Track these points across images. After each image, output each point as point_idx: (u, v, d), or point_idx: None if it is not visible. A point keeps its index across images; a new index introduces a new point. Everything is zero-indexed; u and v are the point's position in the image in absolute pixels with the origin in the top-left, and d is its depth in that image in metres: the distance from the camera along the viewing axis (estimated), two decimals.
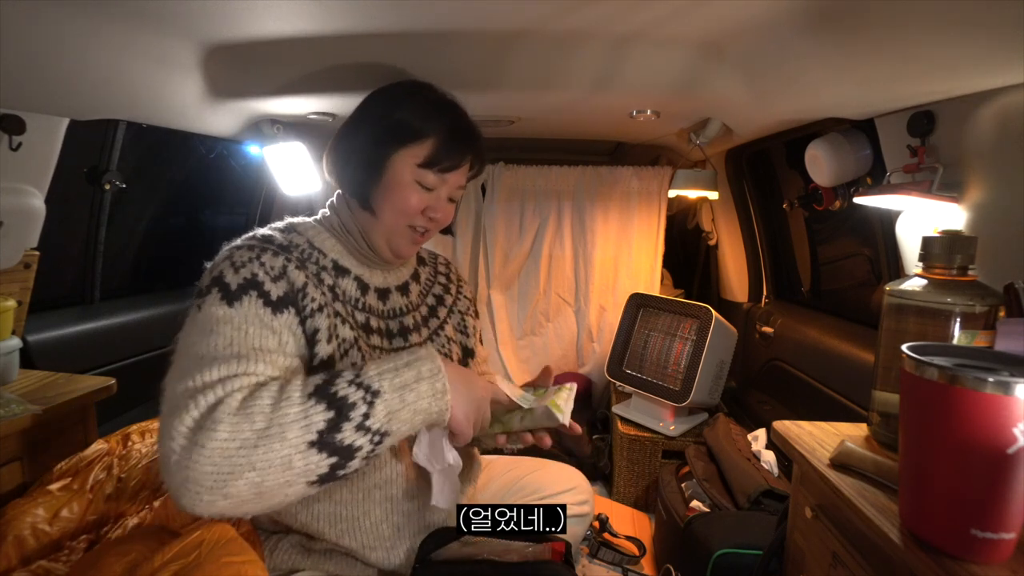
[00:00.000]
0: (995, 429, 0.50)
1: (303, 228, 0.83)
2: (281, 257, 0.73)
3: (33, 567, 0.73)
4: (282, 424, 0.56)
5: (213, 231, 2.44)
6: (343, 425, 0.58)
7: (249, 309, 0.66)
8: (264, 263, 0.70)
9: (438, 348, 0.90)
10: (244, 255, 0.71)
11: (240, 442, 0.55)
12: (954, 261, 0.73)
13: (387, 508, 0.79)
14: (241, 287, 0.67)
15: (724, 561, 1.11)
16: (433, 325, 0.93)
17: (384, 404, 0.61)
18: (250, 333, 0.65)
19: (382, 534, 0.79)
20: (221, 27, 0.95)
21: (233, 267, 0.69)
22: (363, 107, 0.85)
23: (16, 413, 0.96)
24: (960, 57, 0.79)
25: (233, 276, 0.68)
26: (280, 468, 0.56)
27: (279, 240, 0.77)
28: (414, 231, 0.83)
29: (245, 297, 0.66)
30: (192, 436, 0.55)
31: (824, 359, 1.52)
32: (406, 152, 0.79)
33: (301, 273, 0.73)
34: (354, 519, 0.77)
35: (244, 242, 0.75)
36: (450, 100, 0.85)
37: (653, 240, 2.27)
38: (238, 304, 0.65)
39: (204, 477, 0.54)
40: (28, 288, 1.28)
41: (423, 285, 0.96)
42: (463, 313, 1.00)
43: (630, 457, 1.75)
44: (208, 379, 0.59)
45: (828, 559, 0.72)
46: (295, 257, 0.75)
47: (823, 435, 0.83)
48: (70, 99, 1.14)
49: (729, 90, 1.23)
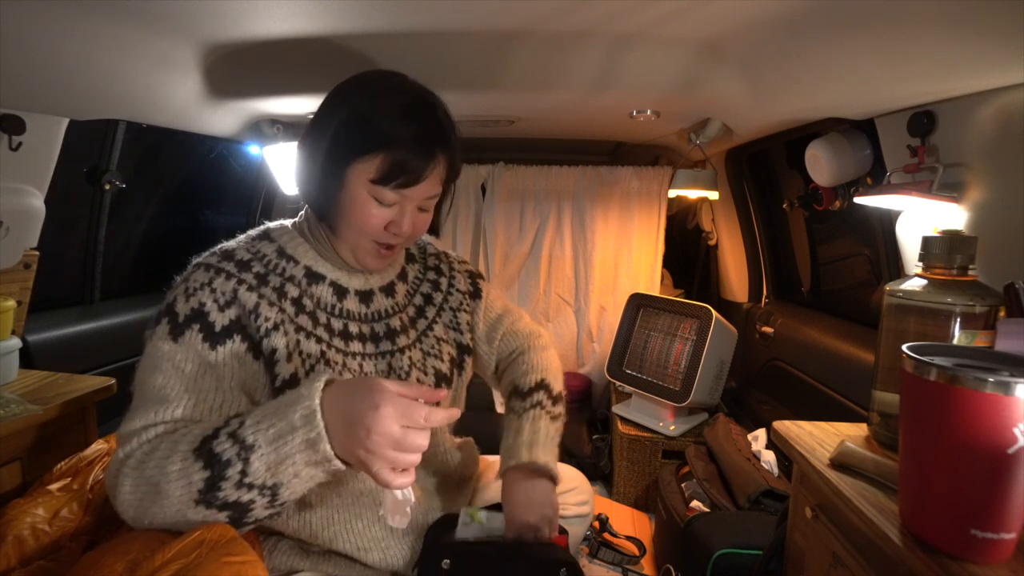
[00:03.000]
0: (995, 429, 0.50)
1: (278, 234, 0.81)
2: (233, 280, 0.72)
3: (33, 567, 0.73)
4: (168, 483, 0.59)
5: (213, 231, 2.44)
6: (221, 484, 0.58)
7: (190, 347, 0.68)
8: (215, 289, 0.71)
9: (426, 351, 0.88)
10: (199, 278, 0.72)
11: (140, 495, 0.61)
12: (954, 261, 0.73)
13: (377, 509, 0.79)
14: (187, 319, 0.69)
15: (724, 561, 1.11)
16: (421, 327, 0.89)
17: (261, 459, 0.57)
18: (186, 372, 0.68)
19: (375, 535, 0.78)
20: (221, 27, 0.95)
21: (186, 293, 0.71)
22: (319, 111, 0.77)
23: (16, 413, 0.96)
24: (960, 57, 0.79)
25: (183, 305, 0.70)
26: (179, 517, 0.60)
27: (240, 255, 0.76)
28: (380, 246, 0.77)
29: (188, 332, 0.69)
30: (112, 480, 0.63)
31: (824, 359, 1.52)
32: (359, 165, 0.71)
33: (253, 294, 0.72)
34: (345, 522, 0.77)
35: (205, 259, 0.75)
36: (413, 97, 0.74)
37: (653, 240, 2.27)
38: (181, 339, 0.69)
39: (125, 512, 0.62)
40: (28, 288, 1.28)
41: (410, 284, 0.92)
42: (456, 309, 0.95)
43: (630, 457, 1.75)
44: (132, 427, 0.65)
45: (828, 559, 0.72)
46: (253, 274, 0.74)
47: (823, 435, 0.83)
48: (70, 99, 1.14)
49: (729, 90, 1.23)
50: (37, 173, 1.22)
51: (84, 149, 1.48)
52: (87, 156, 1.50)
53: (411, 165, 0.72)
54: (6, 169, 1.13)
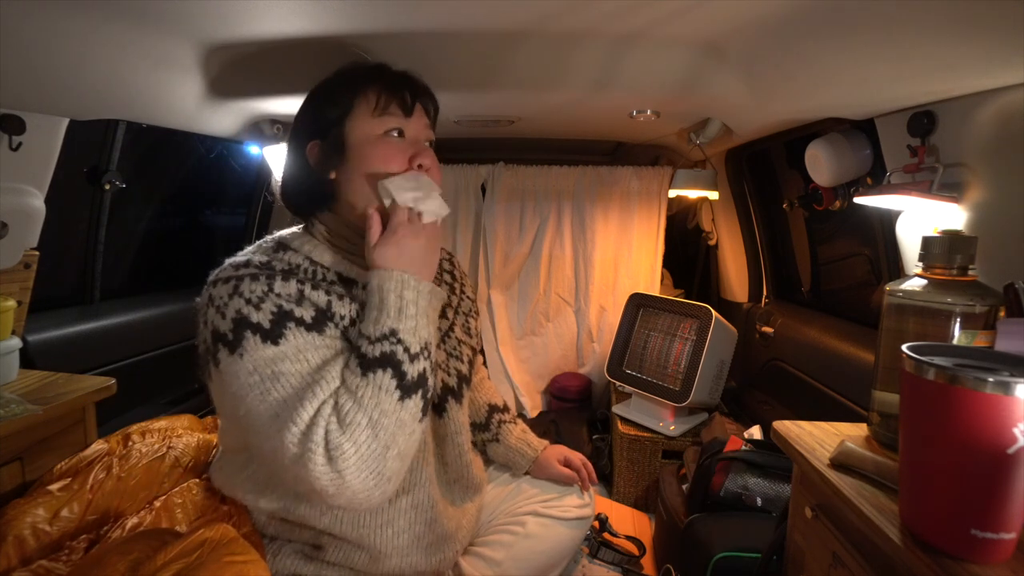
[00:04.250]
0: (995, 429, 0.50)
1: (297, 243, 0.78)
2: (293, 281, 0.70)
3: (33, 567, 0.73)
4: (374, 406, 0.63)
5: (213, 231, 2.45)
6: (402, 368, 0.66)
7: (296, 338, 0.66)
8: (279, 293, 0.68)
9: (449, 352, 0.90)
10: (255, 288, 0.67)
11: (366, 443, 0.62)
12: (954, 261, 0.73)
13: (411, 517, 0.79)
14: (274, 322, 0.66)
15: (724, 564, 1.11)
16: (444, 327, 0.91)
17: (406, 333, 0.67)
18: (310, 357, 0.66)
19: (399, 544, 0.78)
20: (221, 27, 0.95)
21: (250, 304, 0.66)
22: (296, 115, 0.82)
23: (16, 413, 0.96)
24: (960, 57, 0.79)
25: (259, 315, 0.66)
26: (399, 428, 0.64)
27: (277, 265, 0.73)
28: None
29: (285, 330, 0.66)
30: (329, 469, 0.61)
31: (824, 359, 1.52)
32: (353, 116, 0.76)
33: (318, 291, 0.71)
34: (377, 525, 0.77)
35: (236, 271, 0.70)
36: (373, 63, 0.82)
37: (653, 240, 2.27)
38: (283, 340, 0.66)
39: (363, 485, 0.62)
40: (28, 288, 1.28)
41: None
42: (466, 315, 0.99)
43: (630, 457, 1.75)
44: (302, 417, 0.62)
45: (828, 559, 0.72)
46: (302, 278, 0.72)
47: (823, 435, 0.82)
48: (70, 99, 1.14)
49: (729, 90, 1.23)
50: (37, 173, 1.22)
51: (84, 149, 1.48)
52: (87, 156, 1.50)
53: (399, 91, 0.77)
54: (6, 169, 1.13)
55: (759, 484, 1.26)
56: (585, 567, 1.32)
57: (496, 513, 1.01)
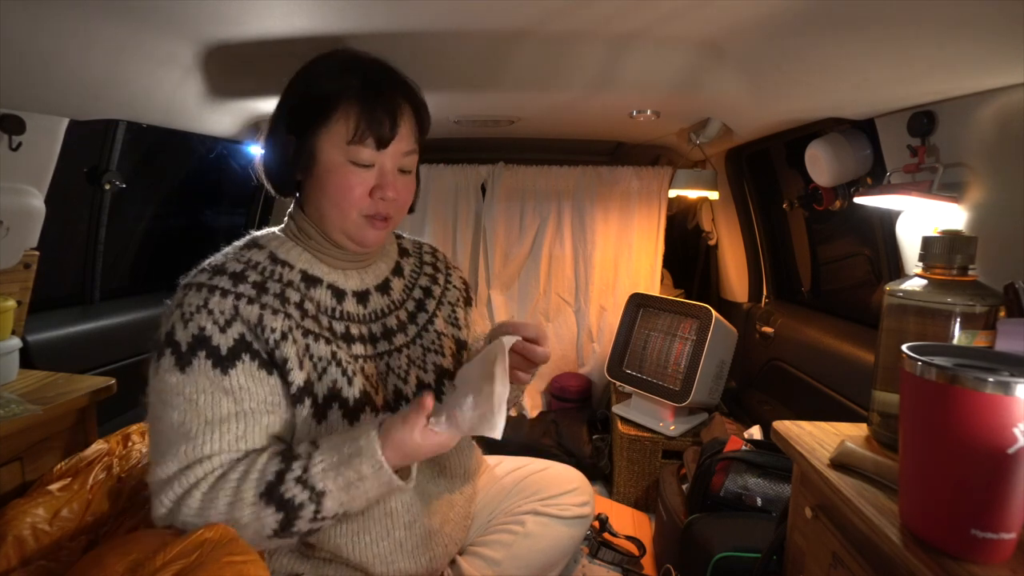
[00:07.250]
0: (995, 429, 0.50)
1: (266, 240, 0.79)
2: (231, 297, 0.70)
3: (33, 567, 0.73)
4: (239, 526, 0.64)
5: (213, 231, 2.44)
6: (295, 522, 0.65)
7: (200, 375, 0.67)
8: (212, 310, 0.68)
9: (427, 346, 0.87)
10: (193, 301, 0.69)
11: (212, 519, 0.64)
12: (954, 261, 0.73)
13: (386, 524, 0.78)
14: (190, 346, 0.67)
15: (724, 565, 1.11)
16: (421, 321, 0.89)
17: (332, 500, 0.65)
18: (201, 404, 0.67)
19: (379, 552, 0.78)
20: (221, 27, 0.95)
21: (183, 319, 0.68)
22: (275, 107, 0.79)
23: (16, 413, 0.96)
24: (960, 57, 0.79)
25: (182, 332, 0.68)
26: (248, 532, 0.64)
27: (232, 268, 0.73)
28: (371, 219, 0.76)
29: (195, 360, 0.67)
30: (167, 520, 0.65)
31: (824, 359, 1.52)
32: (327, 132, 0.72)
33: (254, 307, 0.70)
34: (353, 534, 0.77)
35: (194, 279, 0.72)
36: (349, 55, 0.76)
37: (653, 240, 2.27)
38: (189, 369, 0.67)
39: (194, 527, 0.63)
40: (28, 288, 1.28)
41: (407, 279, 0.91)
42: (453, 304, 0.95)
43: (630, 457, 1.75)
44: (167, 472, 0.65)
45: (828, 559, 0.72)
46: (250, 284, 0.72)
47: (823, 435, 0.82)
48: (70, 99, 1.14)
49: (729, 90, 1.23)
50: (37, 173, 1.22)
51: (84, 149, 1.48)
52: (87, 156, 1.50)
53: (379, 121, 0.71)
54: (6, 169, 1.13)
55: (759, 484, 1.26)
56: (585, 567, 1.33)
57: (496, 512, 1.01)
